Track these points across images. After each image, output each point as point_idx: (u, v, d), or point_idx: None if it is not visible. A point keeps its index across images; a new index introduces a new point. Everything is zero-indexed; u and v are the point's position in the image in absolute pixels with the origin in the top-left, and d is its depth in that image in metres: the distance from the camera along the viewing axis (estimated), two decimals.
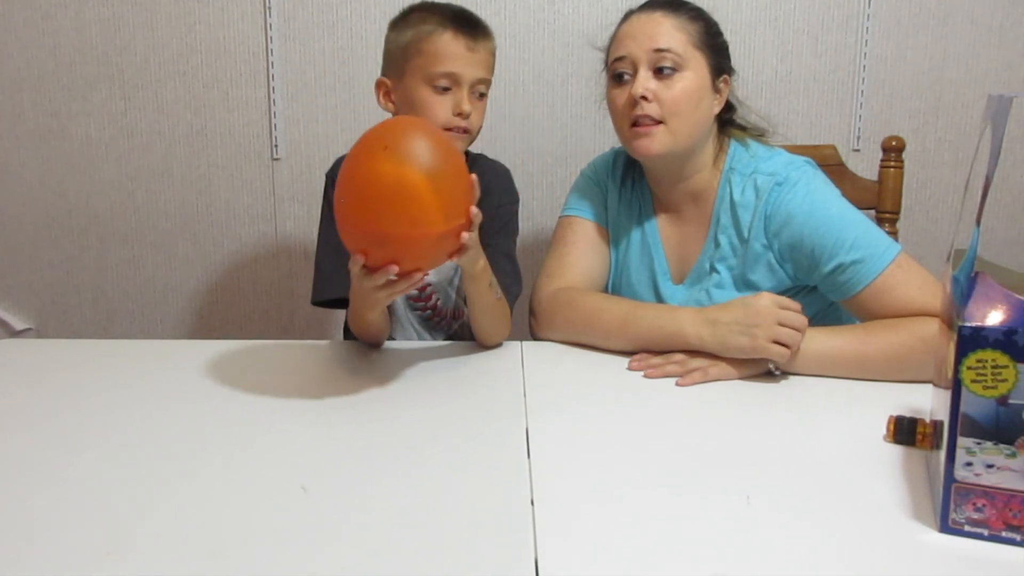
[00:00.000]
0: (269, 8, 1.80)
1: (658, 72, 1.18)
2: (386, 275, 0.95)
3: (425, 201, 0.90)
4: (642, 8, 1.23)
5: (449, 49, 1.19)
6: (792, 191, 1.17)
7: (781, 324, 1.04)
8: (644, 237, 1.31)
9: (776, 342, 1.03)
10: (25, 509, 0.74)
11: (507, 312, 1.22)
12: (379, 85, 1.29)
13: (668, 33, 1.18)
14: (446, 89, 1.21)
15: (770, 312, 1.05)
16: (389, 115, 1.29)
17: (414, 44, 1.22)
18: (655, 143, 1.19)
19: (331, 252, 1.26)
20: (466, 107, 1.20)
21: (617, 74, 1.21)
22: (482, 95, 1.24)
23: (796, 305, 1.06)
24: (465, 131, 1.22)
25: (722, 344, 1.06)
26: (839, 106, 1.85)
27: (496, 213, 1.29)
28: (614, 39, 1.24)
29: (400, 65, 1.24)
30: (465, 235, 0.97)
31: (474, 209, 0.98)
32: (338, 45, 1.83)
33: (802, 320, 1.05)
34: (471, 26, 1.21)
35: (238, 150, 1.87)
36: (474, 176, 1.00)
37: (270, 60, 1.82)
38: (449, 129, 1.21)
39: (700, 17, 1.22)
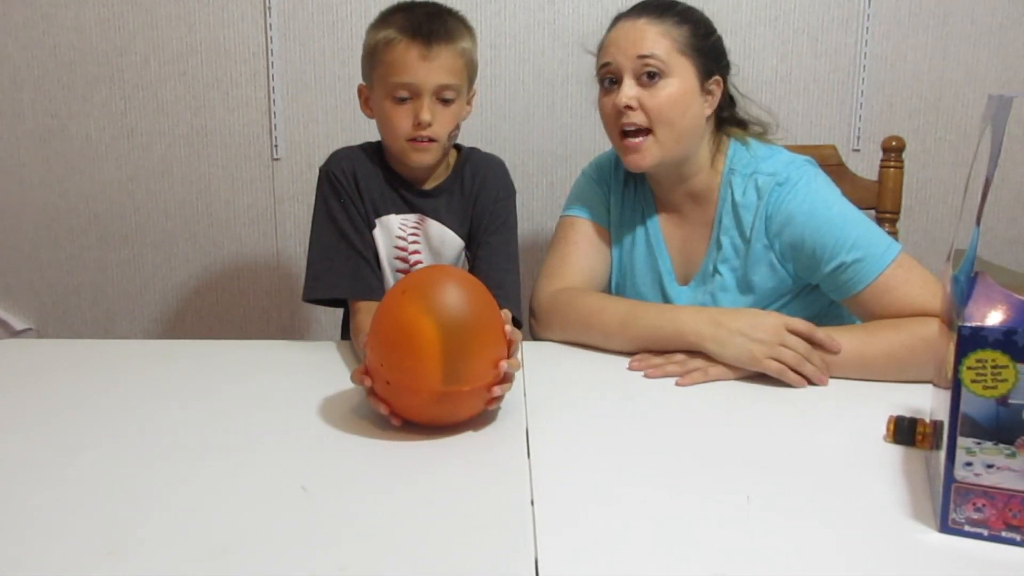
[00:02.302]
0: (269, 8, 1.80)
1: (643, 79, 1.17)
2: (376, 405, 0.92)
3: (427, 355, 0.85)
4: (628, 14, 1.22)
5: (403, 59, 1.17)
6: (793, 191, 1.17)
7: (784, 345, 1.04)
8: (648, 238, 1.31)
9: (774, 359, 1.04)
10: (25, 509, 0.74)
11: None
12: (360, 91, 1.28)
13: (652, 40, 1.17)
14: (407, 99, 1.19)
15: (776, 331, 1.04)
16: (372, 122, 1.28)
17: (375, 54, 1.20)
18: (645, 158, 1.19)
19: (323, 251, 1.25)
20: (424, 117, 1.17)
21: (605, 80, 1.22)
22: (447, 101, 1.20)
23: (806, 327, 1.05)
24: (430, 140, 1.20)
25: (720, 346, 1.06)
26: (839, 106, 1.85)
27: (493, 209, 1.28)
28: (602, 45, 1.23)
29: (368, 74, 1.24)
30: (497, 389, 0.91)
31: (498, 390, 0.91)
32: (338, 45, 1.83)
33: (806, 347, 1.05)
34: (427, 33, 1.17)
35: (238, 150, 1.87)
36: (511, 337, 0.93)
37: (270, 60, 1.82)
38: (412, 140, 1.20)
39: (687, 20, 1.20)
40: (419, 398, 0.88)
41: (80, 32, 1.82)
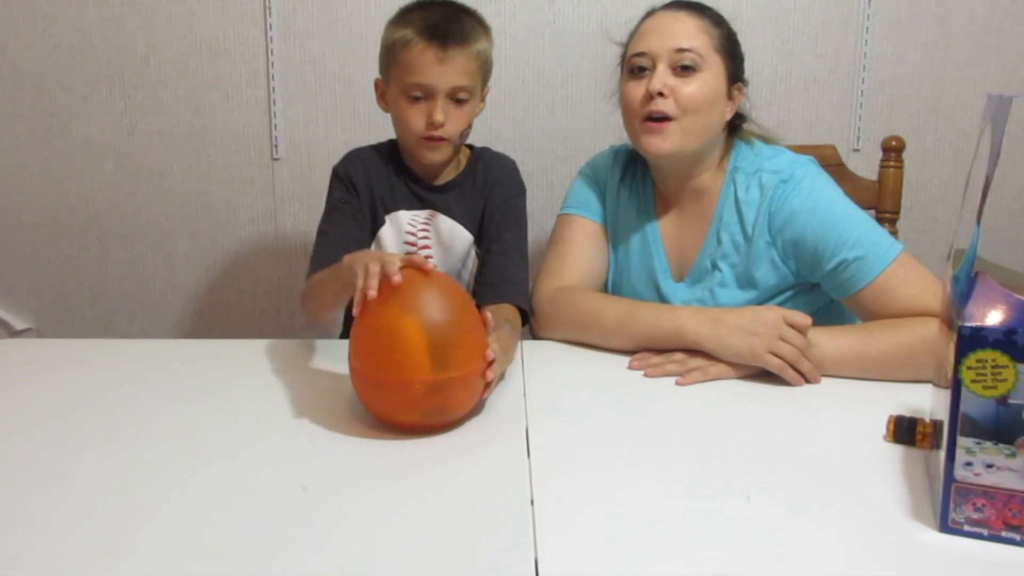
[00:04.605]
0: (269, 8, 1.80)
1: (677, 71, 1.18)
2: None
3: (413, 347, 0.87)
4: (667, 6, 1.23)
5: (419, 61, 1.19)
6: (796, 188, 1.18)
7: (783, 339, 1.04)
8: (644, 235, 1.31)
9: (774, 354, 1.04)
10: (25, 509, 0.74)
11: (519, 335, 1.20)
12: (376, 85, 1.31)
13: (692, 33, 1.18)
14: (421, 99, 1.21)
15: (775, 324, 1.04)
16: (373, 121, 1.29)
17: (392, 52, 1.23)
18: (666, 142, 1.18)
19: (320, 239, 1.27)
20: (437, 117, 1.20)
21: (636, 68, 1.21)
22: (460, 101, 1.22)
23: (806, 321, 1.05)
24: (442, 139, 1.23)
25: (720, 344, 1.06)
26: (839, 106, 1.85)
27: (505, 206, 1.31)
28: (635, 34, 1.23)
29: (385, 70, 1.27)
30: (489, 373, 0.92)
31: (490, 373, 0.93)
32: (338, 45, 1.83)
33: (804, 342, 1.05)
34: (443, 35, 1.19)
35: (238, 150, 1.87)
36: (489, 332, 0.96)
37: (270, 60, 1.82)
38: (425, 138, 1.23)
39: (722, 23, 1.22)
40: (412, 392, 0.87)
41: (80, 32, 1.82)
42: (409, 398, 0.88)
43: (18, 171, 1.88)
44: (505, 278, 1.26)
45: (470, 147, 1.35)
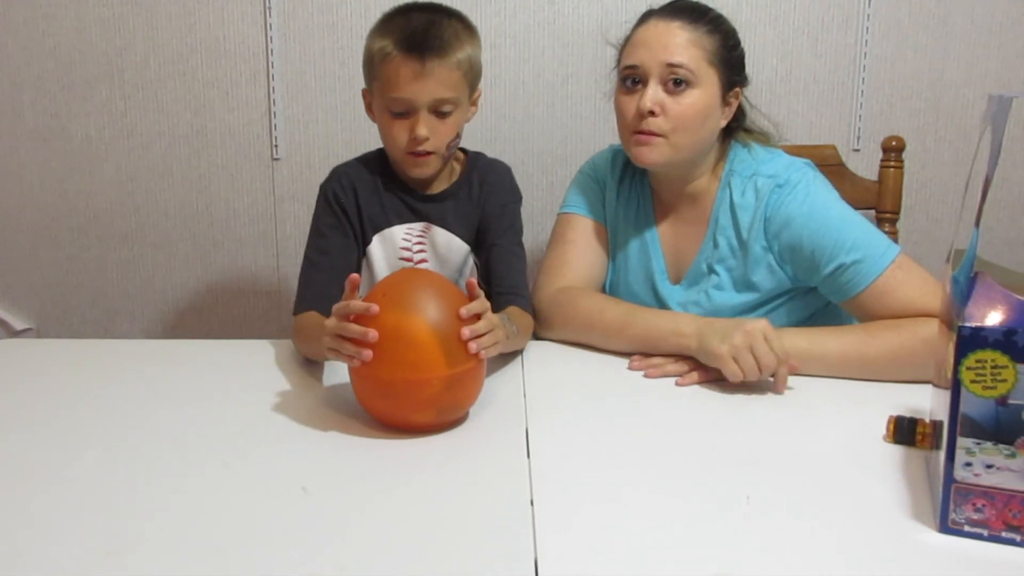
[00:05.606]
0: (269, 8, 1.80)
1: (668, 85, 1.16)
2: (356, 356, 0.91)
3: (426, 345, 0.88)
4: (661, 13, 1.20)
5: (398, 75, 1.16)
6: (792, 193, 1.17)
7: (753, 350, 1.01)
8: (642, 236, 1.31)
9: (736, 360, 1.01)
10: (25, 509, 0.74)
11: (528, 332, 1.20)
12: (364, 95, 1.28)
13: (683, 48, 1.16)
14: (403, 113, 1.18)
15: (751, 334, 1.02)
16: (372, 122, 1.27)
17: (372, 64, 1.20)
18: (655, 153, 1.18)
19: (307, 267, 1.24)
20: (420, 132, 1.17)
21: (628, 80, 1.20)
22: (444, 114, 1.18)
23: (783, 347, 1.03)
24: (427, 153, 1.19)
25: (700, 344, 1.06)
26: (839, 106, 1.85)
27: (501, 211, 1.29)
28: (628, 42, 1.22)
29: (369, 82, 1.24)
30: (473, 344, 0.92)
31: (472, 339, 0.92)
32: (338, 45, 1.83)
33: (774, 359, 1.01)
34: (421, 48, 1.15)
35: (238, 150, 1.87)
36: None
37: (270, 60, 1.82)
38: (410, 154, 1.20)
39: (718, 29, 1.19)
40: (430, 388, 0.88)
41: (80, 32, 1.82)
42: (426, 396, 0.89)
43: (18, 171, 1.88)
44: (507, 284, 1.24)
45: (464, 152, 1.32)
